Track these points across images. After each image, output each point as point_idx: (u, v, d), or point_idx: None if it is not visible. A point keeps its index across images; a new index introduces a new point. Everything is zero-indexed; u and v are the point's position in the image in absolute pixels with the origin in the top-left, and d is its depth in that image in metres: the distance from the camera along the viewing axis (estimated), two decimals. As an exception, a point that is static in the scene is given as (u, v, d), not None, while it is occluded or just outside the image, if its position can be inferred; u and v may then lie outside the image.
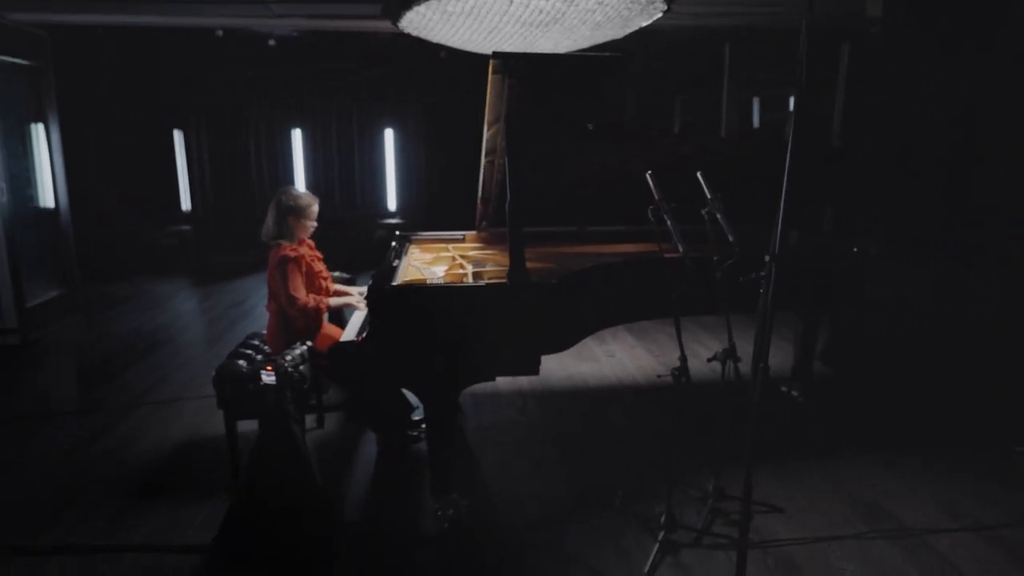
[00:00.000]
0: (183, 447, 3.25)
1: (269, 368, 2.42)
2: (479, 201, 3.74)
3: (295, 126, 7.94)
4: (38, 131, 5.16)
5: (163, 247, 7.72)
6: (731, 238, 2.47)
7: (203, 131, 7.79)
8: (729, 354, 2.59)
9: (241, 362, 2.90)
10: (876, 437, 3.34)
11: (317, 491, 2.51)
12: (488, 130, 3.21)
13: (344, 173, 8.25)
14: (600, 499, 2.75)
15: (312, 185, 8.17)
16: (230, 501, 2.45)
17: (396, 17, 3.36)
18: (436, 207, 8.17)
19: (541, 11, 3.13)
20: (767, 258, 1.87)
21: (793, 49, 1.89)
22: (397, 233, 3.84)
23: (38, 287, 5.12)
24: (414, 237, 3.84)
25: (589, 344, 5.00)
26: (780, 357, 4.56)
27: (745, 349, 5.00)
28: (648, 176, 2.38)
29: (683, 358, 2.40)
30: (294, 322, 2.93)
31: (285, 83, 7.78)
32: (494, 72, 2.93)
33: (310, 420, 3.49)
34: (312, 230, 3.11)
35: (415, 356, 2.36)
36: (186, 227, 7.80)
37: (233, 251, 7.77)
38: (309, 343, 2.58)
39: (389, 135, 8.04)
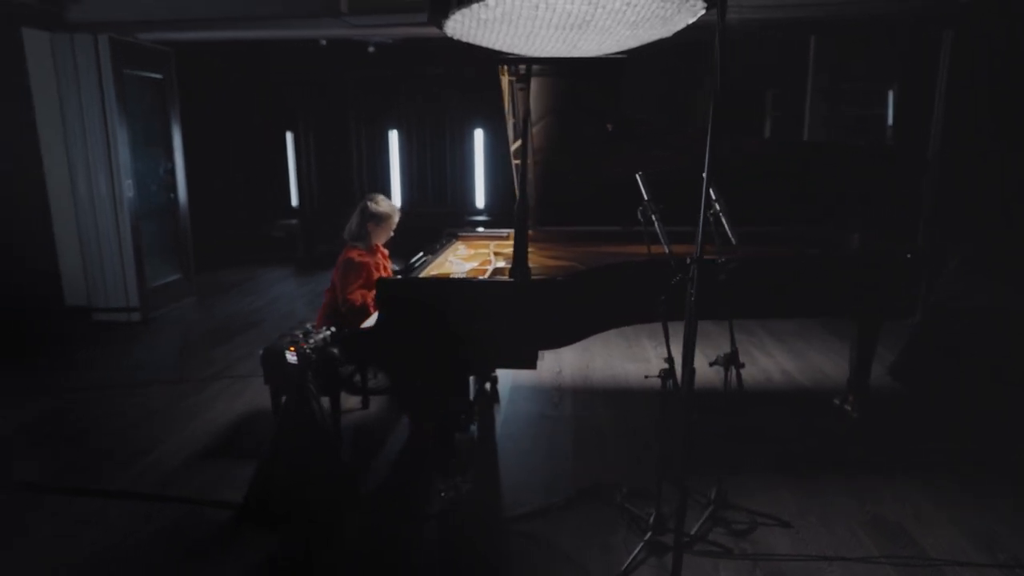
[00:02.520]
0: (241, 417, 3.64)
1: (292, 349, 2.69)
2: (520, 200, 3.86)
3: (392, 127, 8.42)
4: (164, 135, 5.89)
5: (273, 239, 8.49)
6: (733, 240, 2.42)
7: (311, 133, 8.47)
8: (731, 359, 2.52)
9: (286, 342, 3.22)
10: (925, 457, 3.09)
11: (335, 463, 2.75)
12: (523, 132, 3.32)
13: (435, 172, 8.63)
14: (605, 495, 2.78)
15: (406, 183, 8.62)
16: (256, 468, 2.75)
17: (439, 25, 3.56)
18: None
19: (570, 15, 3.18)
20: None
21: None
22: (446, 230, 4.04)
23: (160, 272, 5.87)
24: (461, 234, 4.02)
25: (643, 342, 4.96)
26: (842, 367, 4.31)
27: (756, 353, 4.76)
28: (638, 177, 2.39)
29: (670, 360, 2.38)
30: (344, 314, 3.19)
31: (383, 86, 8.28)
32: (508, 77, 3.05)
33: (356, 401, 3.78)
34: (387, 238, 3.36)
35: (410, 346, 2.53)
36: (294, 221, 8.52)
37: (334, 243, 8.37)
38: (332, 328, 2.82)
39: (479, 135, 8.31)
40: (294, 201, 8.75)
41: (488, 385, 3.85)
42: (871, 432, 3.39)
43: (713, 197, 2.51)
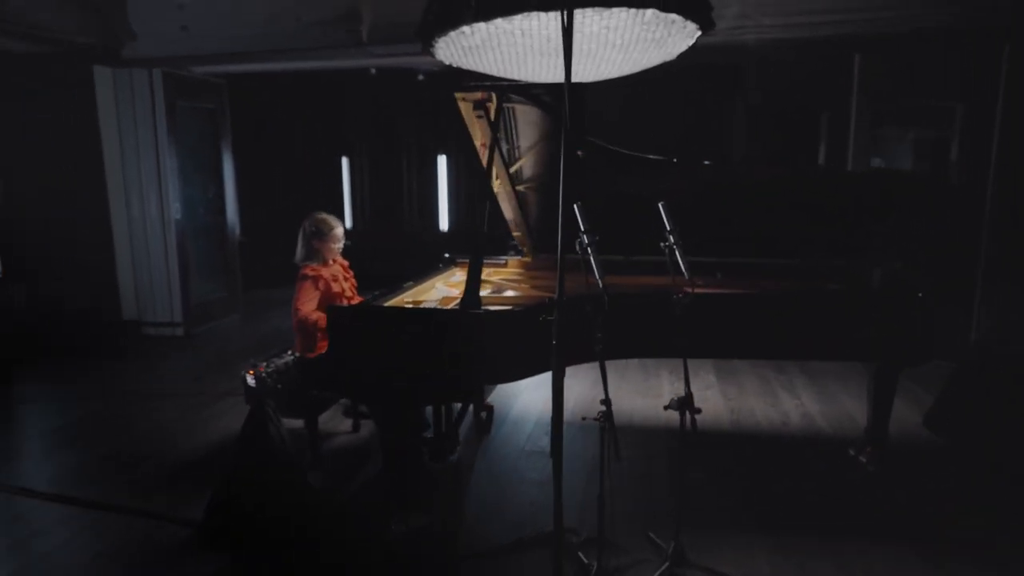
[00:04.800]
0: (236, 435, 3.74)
1: (251, 372, 2.74)
2: (513, 228, 3.80)
3: (441, 152, 8.58)
4: (215, 161, 6.26)
5: (327, 260, 8.81)
6: (686, 274, 2.25)
7: (365, 158, 8.78)
8: (684, 403, 2.33)
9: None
10: (938, 526, 2.73)
11: (293, 487, 2.76)
12: (519, 159, 3.28)
13: (481, 197, 8.71)
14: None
15: (453, 207, 8.74)
16: (213, 488, 2.80)
17: (430, 55, 3.59)
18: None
19: (548, 39, 3.12)
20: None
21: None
22: (446, 255, 4.03)
23: (205, 290, 6.20)
24: (460, 260, 4.00)
25: (661, 376, 4.73)
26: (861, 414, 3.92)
27: (781, 392, 4.41)
28: (575, 208, 2.27)
29: (607, 402, 2.22)
30: (309, 332, 3.24)
31: (432, 113, 8.47)
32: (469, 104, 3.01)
33: (348, 424, 3.81)
34: (338, 251, 3.42)
35: (353, 374, 2.50)
36: (347, 242, 8.80)
37: (386, 262, 8.59)
38: (293, 353, 2.86)
39: (526, 160, 8.34)
40: (348, 223, 9.07)
41: (484, 414, 3.78)
42: (882, 489, 3.05)
43: (667, 228, 2.37)
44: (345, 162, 8.84)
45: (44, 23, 4.65)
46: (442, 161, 8.59)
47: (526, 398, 4.30)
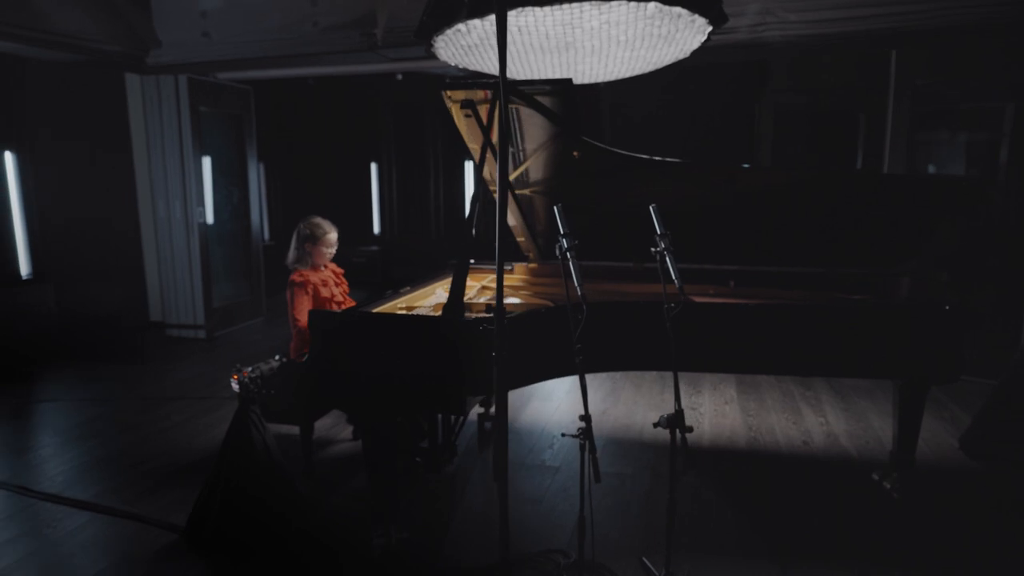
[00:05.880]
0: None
1: (235, 377, 2.69)
2: (517, 234, 3.68)
3: (468, 157, 8.55)
4: (240, 165, 6.34)
5: (354, 264, 8.83)
6: (677, 284, 2.09)
7: (393, 164, 8.80)
8: (675, 420, 2.16)
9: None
10: (965, 562, 2.48)
11: (276, 494, 2.69)
12: (525, 161, 3.17)
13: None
14: (541, 564, 2.49)
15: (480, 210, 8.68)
16: (199, 493, 2.76)
17: (432, 57, 3.50)
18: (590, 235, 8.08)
19: (548, 36, 3.01)
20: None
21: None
22: (450, 260, 3.93)
23: (229, 293, 6.27)
24: (474, 265, 3.89)
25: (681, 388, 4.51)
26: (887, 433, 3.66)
27: (806, 410, 4.16)
28: (556, 209, 2.14)
29: (586, 418, 2.06)
30: (296, 339, 3.19)
31: (460, 118, 8.46)
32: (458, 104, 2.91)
33: (349, 431, 3.74)
34: (329, 256, 3.37)
35: (332, 381, 2.42)
36: (374, 248, 8.83)
37: (411, 268, 8.58)
38: (281, 358, 2.80)
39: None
40: (376, 228, 9.10)
41: (488, 424, 3.66)
42: (908, 518, 2.80)
43: (659, 233, 2.21)
44: (374, 167, 8.88)
45: (75, 32, 4.77)
46: (469, 166, 8.54)
47: (534, 408, 4.16)
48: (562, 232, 2.07)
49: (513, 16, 2.84)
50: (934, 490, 3.04)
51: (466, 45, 3.20)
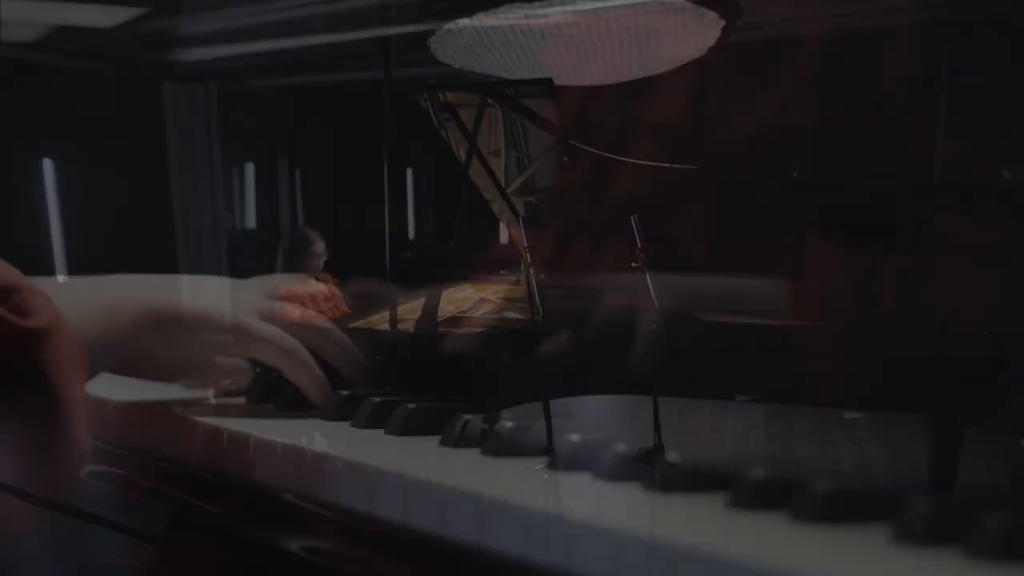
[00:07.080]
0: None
1: (214, 389, 2.63)
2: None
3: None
4: (270, 171, 6.44)
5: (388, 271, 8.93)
6: (655, 300, 1.89)
7: (429, 168, 8.84)
8: (651, 455, 1.94)
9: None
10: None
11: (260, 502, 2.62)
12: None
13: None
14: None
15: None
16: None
17: (434, 57, 3.42)
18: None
19: (544, 36, 2.87)
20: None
21: None
22: (460, 271, 3.83)
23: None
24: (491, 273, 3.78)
25: (703, 416, 4.26)
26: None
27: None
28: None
29: (551, 450, 1.87)
30: None
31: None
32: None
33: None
34: (318, 267, 3.30)
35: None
36: (408, 254, 8.87)
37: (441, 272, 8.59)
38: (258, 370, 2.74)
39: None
40: (412, 234, 9.15)
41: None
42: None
43: (639, 246, 2.02)
44: (409, 173, 8.95)
45: (103, 40, 4.92)
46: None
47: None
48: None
49: (501, 14, 2.71)
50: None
51: (463, 46, 3.07)
